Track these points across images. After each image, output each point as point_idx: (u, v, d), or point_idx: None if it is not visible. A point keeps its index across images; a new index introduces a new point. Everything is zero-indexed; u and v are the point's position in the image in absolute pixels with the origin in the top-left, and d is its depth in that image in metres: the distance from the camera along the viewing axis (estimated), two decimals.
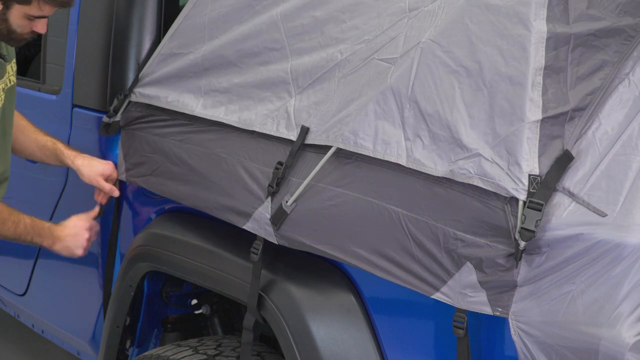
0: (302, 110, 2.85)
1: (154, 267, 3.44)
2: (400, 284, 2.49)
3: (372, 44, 2.72)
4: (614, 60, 2.43)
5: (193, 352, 3.26)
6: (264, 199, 2.83)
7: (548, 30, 2.39)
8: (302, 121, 2.82)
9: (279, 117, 2.91)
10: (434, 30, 2.54)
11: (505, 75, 2.38)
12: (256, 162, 2.93)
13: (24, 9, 3.11)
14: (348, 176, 2.64)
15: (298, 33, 2.95)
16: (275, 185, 2.80)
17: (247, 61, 3.09)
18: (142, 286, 3.57)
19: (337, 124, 2.68)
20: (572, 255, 2.22)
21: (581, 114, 2.38)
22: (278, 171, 2.80)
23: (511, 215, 2.28)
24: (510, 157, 2.31)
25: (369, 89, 2.64)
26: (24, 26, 3.16)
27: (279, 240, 2.79)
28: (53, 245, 3.46)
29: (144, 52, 3.63)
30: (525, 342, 2.26)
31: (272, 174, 2.83)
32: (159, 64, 3.41)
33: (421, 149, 2.47)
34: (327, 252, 2.67)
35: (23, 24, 3.15)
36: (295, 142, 2.80)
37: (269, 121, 2.93)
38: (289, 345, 2.83)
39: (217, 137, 3.11)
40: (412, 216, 2.47)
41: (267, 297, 2.91)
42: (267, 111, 2.96)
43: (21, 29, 3.16)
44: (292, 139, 2.82)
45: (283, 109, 2.90)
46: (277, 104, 2.94)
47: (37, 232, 3.41)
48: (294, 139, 2.81)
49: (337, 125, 2.67)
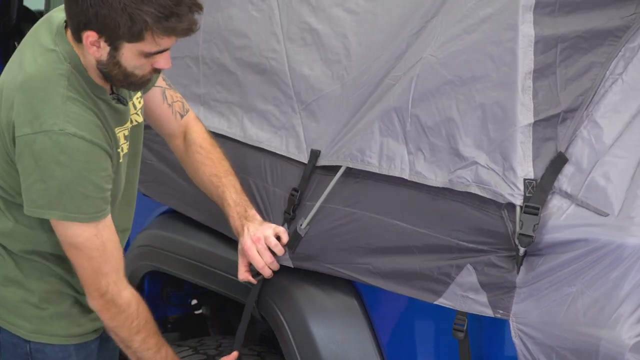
0: (311, 130, 2.86)
1: (154, 267, 3.44)
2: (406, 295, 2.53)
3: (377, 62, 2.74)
4: (601, 61, 2.47)
5: (193, 352, 3.28)
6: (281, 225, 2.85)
7: (536, 34, 2.43)
8: (312, 141, 2.84)
9: (287, 136, 2.92)
10: (434, 45, 2.57)
11: (497, 80, 2.42)
12: (268, 183, 2.94)
13: (136, 47, 2.45)
14: (356, 195, 2.67)
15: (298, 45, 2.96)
16: (291, 212, 2.83)
17: (247, 70, 3.09)
18: (142, 286, 3.57)
19: (346, 144, 2.71)
20: (572, 257, 2.25)
21: (573, 115, 2.41)
22: (294, 198, 2.82)
23: (509, 221, 2.32)
24: (505, 162, 2.35)
25: (375, 108, 2.67)
26: (142, 66, 2.52)
27: (295, 263, 2.82)
28: None
29: None
30: (526, 344, 2.29)
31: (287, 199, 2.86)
32: None
33: (422, 162, 2.51)
34: (337, 270, 2.71)
35: (140, 64, 2.51)
36: (307, 165, 2.82)
37: (276, 139, 2.94)
38: (289, 345, 2.85)
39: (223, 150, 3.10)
40: (415, 229, 2.51)
41: (267, 297, 2.92)
42: (274, 128, 2.97)
43: (140, 71, 2.53)
44: (304, 161, 2.84)
45: (291, 128, 2.91)
46: (282, 119, 2.95)
47: None
48: (305, 162, 2.83)
49: (346, 145, 2.70)
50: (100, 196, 2.52)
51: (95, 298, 2.60)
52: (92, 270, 2.57)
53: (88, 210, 2.51)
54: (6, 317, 2.65)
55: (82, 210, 2.50)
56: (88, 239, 2.54)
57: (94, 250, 2.55)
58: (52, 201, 2.48)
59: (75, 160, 2.45)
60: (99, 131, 2.51)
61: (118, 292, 2.60)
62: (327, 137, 2.80)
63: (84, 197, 2.48)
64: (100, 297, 2.59)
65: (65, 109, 2.46)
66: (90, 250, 2.55)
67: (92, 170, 2.49)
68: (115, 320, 2.63)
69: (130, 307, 2.62)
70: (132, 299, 2.63)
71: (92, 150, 2.48)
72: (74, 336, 2.71)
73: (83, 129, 2.46)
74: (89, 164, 2.48)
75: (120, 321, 2.63)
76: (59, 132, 2.43)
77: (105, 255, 2.57)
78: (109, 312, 2.61)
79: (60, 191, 2.47)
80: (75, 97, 2.49)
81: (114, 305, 2.60)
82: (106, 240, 2.57)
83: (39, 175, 2.46)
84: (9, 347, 2.65)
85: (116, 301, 2.60)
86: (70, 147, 2.44)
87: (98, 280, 2.57)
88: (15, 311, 2.65)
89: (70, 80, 2.49)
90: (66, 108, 2.46)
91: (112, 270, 2.59)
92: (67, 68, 2.50)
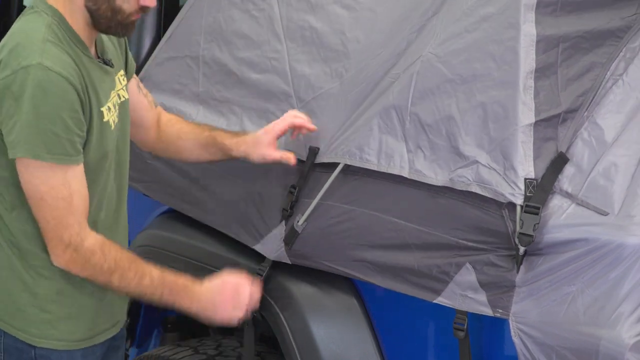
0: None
1: None
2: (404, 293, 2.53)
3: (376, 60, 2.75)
4: (602, 62, 2.47)
5: (193, 352, 3.27)
6: (279, 222, 2.87)
7: (537, 34, 2.43)
8: (310, 139, 2.84)
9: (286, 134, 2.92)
10: (434, 43, 2.57)
11: (498, 80, 2.42)
12: (267, 180, 2.95)
13: None
14: (355, 192, 2.67)
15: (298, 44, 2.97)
16: (289, 208, 2.83)
17: (248, 70, 3.09)
18: None
19: (345, 141, 2.71)
20: (572, 256, 2.25)
21: (574, 116, 2.42)
22: (292, 195, 2.83)
23: (510, 220, 2.33)
24: (505, 162, 2.35)
25: (374, 105, 2.67)
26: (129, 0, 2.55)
27: (292, 259, 2.83)
28: (190, 306, 2.69)
29: (144, 53, 3.61)
30: (526, 343, 2.30)
31: (285, 196, 2.86)
32: (155, 67, 3.41)
33: (422, 160, 2.51)
34: (335, 267, 2.71)
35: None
36: (306, 162, 2.82)
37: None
38: (289, 345, 2.85)
39: None
40: (414, 227, 2.51)
41: (267, 296, 2.92)
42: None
43: (127, 5, 2.54)
44: (302, 158, 2.84)
45: None
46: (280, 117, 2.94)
47: (169, 288, 2.66)
48: (304, 159, 2.83)
49: (345, 142, 2.71)
50: (68, 138, 2.47)
51: (59, 254, 2.55)
52: (55, 223, 2.52)
53: (55, 150, 2.46)
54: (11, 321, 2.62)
55: (50, 148, 2.45)
56: (54, 188, 2.50)
57: (60, 200, 2.51)
58: (21, 137, 2.45)
59: (49, 95, 2.43)
60: (75, 74, 2.49)
61: (81, 242, 2.54)
62: (326, 135, 2.80)
63: (53, 134, 2.45)
64: (64, 250, 2.54)
65: (43, 47, 2.46)
66: (56, 200, 2.50)
67: (64, 108, 2.46)
68: (86, 270, 2.58)
69: (95, 253, 2.56)
70: (95, 244, 2.57)
71: (66, 88, 2.46)
72: (81, 340, 2.68)
73: (59, 66, 2.46)
74: (61, 100, 2.45)
75: (91, 269, 2.58)
76: (36, 66, 2.43)
77: (71, 207, 2.52)
78: (76, 263, 2.57)
79: (30, 125, 2.44)
80: (54, 42, 2.49)
81: (79, 255, 2.55)
82: (74, 191, 2.52)
83: (16, 114, 2.45)
84: (13, 352, 2.62)
85: (80, 251, 2.55)
86: (45, 81, 2.43)
87: (61, 233, 2.52)
88: (20, 315, 2.62)
89: (52, 29, 2.51)
90: (45, 47, 2.47)
91: (75, 222, 2.53)
92: (48, 20, 2.52)
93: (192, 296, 2.67)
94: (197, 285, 2.68)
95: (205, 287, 2.68)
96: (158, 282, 2.63)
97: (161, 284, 2.64)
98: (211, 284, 2.69)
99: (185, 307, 2.68)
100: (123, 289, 2.63)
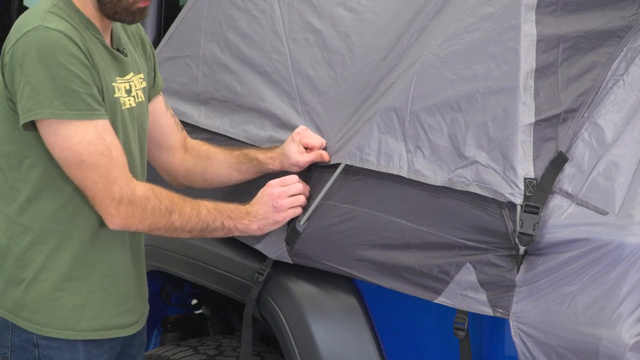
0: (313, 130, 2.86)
1: (154, 267, 3.43)
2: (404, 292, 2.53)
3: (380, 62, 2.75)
4: (603, 61, 2.47)
5: (193, 352, 3.28)
6: None
7: (538, 33, 2.43)
8: None
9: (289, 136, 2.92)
10: (434, 44, 2.57)
11: (498, 79, 2.42)
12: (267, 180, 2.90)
13: None
14: (356, 192, 2.67)
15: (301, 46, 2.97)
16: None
17: (249, 70, 3.09)
18: None
19: (346, 142, 2.72)
20: (572, 256, 2.25)
21: (574, 116, 2.42)
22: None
23: (510, 220, 2.33)
24: (505, 162, 2.35)
25: (374, 106, 2.67)
26: None
27: (293, 259, 2.83)
28: (250, 224, 2.74)
29: None
30: (526, 343, 2.29)
31: None
32: None
33: (422, 160, 2.51)
34: (336, 267, 2.71)
35: None
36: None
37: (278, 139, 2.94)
38: (289, 345, 2.85)
39: None
40: (414, 227, 2.51)
41: (267, 296, 2.92)
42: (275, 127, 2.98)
43: None
44: None
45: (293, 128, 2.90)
46: (284, 120, 2.95)
47: (227, 214, 2.70)
48: None
49: (345, 143, 2.71)
50: (88, 92, 2.45)
51: (114, 212, 2.51)
52: (102, 181, 2.48)
53: (77, 106, 2.44)
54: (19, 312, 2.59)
55: (71, 105, 2.43)
56: (91, 144, 2.46)
57: (100, 156, 2.47)
58: (40, 100, 2.42)
59: (57, 54, 2.41)
60: (76, 36, 2.46)
61: (132, 192, 2.51)
62: (329, 136, 2.80)
63: (71, 91, 2.42)
64: (118, 206, 2.50)
65: (44, 16, 2.46)
66: (95, 156, 2.47)
67: (73, 62, 2.43)
68: (147, 219, 2.55)
69: (149, 199, 2.54)
70: (147, 190, 2.55)
71: (69, 44, 2.43)
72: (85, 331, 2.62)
73: (60, 26, 2.44)
74: (68, 55, 2.43)
75: (150, 216, 2.55)
76: (38, 28, 2.42)
77: (112, 159, 2.48)
78: (134, 217, 2.54)
79: (46, 87, 2.41)
80: (56, 13, 2.49)
81: (134, 206, 2.52)
82: (110, 144, 2.48)
83: (25, 78, 2.42)
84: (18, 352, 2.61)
85: (135, 202, 2.52)
86: (50, 41, 2.42)
87: (111, 189, 2.48)
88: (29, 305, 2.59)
89: (57, 5, 2.51)
90: (45, 15, 2.47)
91: (121, 174, 2.50)
92: (54, 1, 2.52)
93: (250, 213, 2.73)
94: (248, 205, 2.75)
95: (254, 201, 2.76)
96: (215, 211, 2.68)
97: (218, 211, 2.69)
98: (259, 196, 2.76)
99: (247, 226, 2.73)
100: (186, 228, 2.63)
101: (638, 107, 2.41)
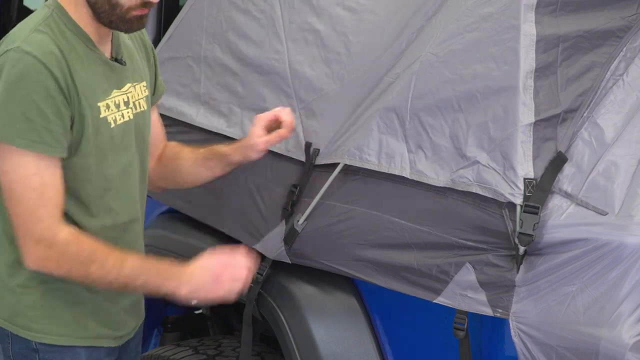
0: (310, 129, 2.86)
1: None
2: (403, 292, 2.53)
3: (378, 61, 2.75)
4: (602, 61, 2.48)
5: (193, 352, 3.28)
6: (279, 221, 2.86)
7: (537, 33, 2.44)
8: (310, 139, 2.84)
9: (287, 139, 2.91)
10: (433, 43, 2.57)
11: (498, 79, 2.42)
12: (267, 180, 2.95)
13: None
14: (355, 191, 2.67)
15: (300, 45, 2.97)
16: (290, 207, 2.83)
17: (249, 71, 3.09)
18: None
19: (345, 142, 2.72)
20: (572, 256, 2.26)
21: (573, 116, 2.42)
22: (292, 194, 2.82)
23: (510, 220, 2.33)
24: (505, 162, 2.35)
25: (374, 105, 2.67)
26: None
27: (292, 259, 2.83)
28: (178, 288, 2.49)
29: None
30: (526, 343, 2.30)
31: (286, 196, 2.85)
32: None
33: (424, 160, 2.51)
34: (335, 267, 2.71)
35: None
36: (306, 163, 2.82)
37: None
38: (289, 345, 2.85)
39: None
40: (414, 227, 2.51)
41: (267, 296, 2.93)
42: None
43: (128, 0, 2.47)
44: (303, 159, 2.84)
45: None
46: None
47: (154, 273, 2.50)
48: (304, 160, 2.84)
49: (345, 143, 2.71)
50: (46, 126, 2.39)
51: (30, 252, 2.45)
52: (25, 216, 2.42)
53: (27, 135, 2.38)
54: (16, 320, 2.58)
55: (22, 134, 2.37)
56: (24, 177, 2.40)
57: (31, 191, 2.40)
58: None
59: (23, 78, 2.38)
60: (55, 62, 2.41)
61: (53, 235, 2.43)
62: (327, 136, 2.80)
63: (25, 118, 2.37)
64: (35, 246, 2.43)
65: (29, 35, 2.43)
66: (26, 190, 2.40)
67: (38, 93, 2.38)
68: (63, 264, 2.46)
69: (69, 244, 2.45)
70: (69, 235, 2.45)
71: (42, 73, 2.39)
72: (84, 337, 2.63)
73: (38, 51, 2.40)
74: (36, 84, 2.38)
75: (68, 262, 2.46)
76: (15, 49, 2.39)
77: (42, 198, 2.41)
78: (51, 259, 2.45)
79: (5, 111, 2.38)
80: (43, 31, 2.45)
81: (52, 249, 2.44)
82: (47, 183, 2.42)
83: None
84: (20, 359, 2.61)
85: (54, 246, 2.43)
86: (23, 66, 2.38)
87: (32, 227, 2.42)
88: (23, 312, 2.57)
89: (47, 21, 2.47)
90: (30, 34, 2.43)
91: (47, 215, 2.43)
92: (48, 12, 2.49)
93: (181, 277, 2.49)
94: (183, 267, 2.51)
95: (194, 266, 2.52)
96: (140, 269, 2.49)
97: (144, 269, 2.49)
98: (200, 261, 2.53)
99: (174, 290, 2.49)
100: (104, 280, 2.47)
101: (638, 107, 2.41)
